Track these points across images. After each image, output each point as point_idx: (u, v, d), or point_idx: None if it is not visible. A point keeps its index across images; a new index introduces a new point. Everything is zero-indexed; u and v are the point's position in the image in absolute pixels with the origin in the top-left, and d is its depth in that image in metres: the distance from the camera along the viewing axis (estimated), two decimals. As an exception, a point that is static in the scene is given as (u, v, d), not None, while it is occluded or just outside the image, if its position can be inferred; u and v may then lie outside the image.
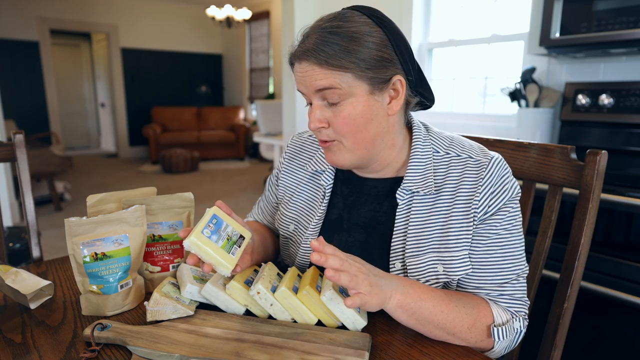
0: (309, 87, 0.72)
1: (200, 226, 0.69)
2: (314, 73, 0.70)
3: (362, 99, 0.71)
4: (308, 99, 0.75)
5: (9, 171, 3.42)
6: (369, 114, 0.72)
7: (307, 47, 0.70)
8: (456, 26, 2.54)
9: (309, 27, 0.73)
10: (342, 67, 0.68)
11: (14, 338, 0.69)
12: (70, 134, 8.60)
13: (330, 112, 0.72)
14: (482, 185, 0.73)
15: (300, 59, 0.71)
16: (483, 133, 2.27)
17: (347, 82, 0.69)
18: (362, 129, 0.73)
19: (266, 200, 1.01)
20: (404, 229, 0.76)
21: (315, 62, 0.69)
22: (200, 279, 0.77)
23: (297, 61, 0.72)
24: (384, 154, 0.79)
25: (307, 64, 0.70)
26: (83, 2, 6.93)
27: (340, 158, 0.76)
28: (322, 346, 0.64)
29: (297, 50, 0.72)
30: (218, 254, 0.67)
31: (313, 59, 0.69)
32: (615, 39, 1.50)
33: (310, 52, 0.69)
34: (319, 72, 0.69)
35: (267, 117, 4.55)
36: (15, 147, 1.14)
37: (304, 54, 0.70)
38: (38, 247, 1.16)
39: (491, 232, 0.73)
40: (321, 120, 0.73)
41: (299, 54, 0.71)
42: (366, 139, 0.74)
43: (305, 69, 0.71)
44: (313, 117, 0.73)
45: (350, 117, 0.71)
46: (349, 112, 0.71)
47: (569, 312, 0.84)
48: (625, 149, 1.72)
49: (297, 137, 0.97)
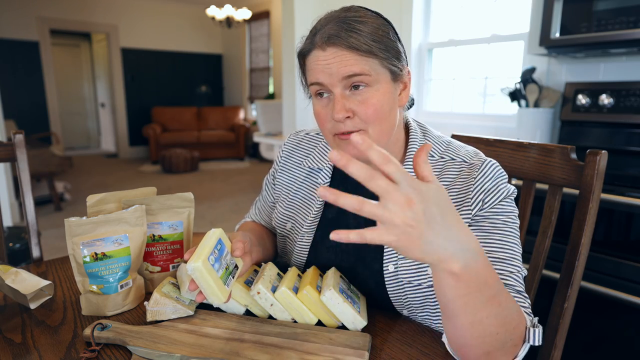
0: (335, 74, 0.68)
1: (206, 251, 0.66)
2: (344, 58, 0.68)
3: (386, 86, 0.71)
4: (328, 89, 0.71)
5: (9, 171, 3.42)
6: (392, 103, 0.73)
7: (332, 33, 0.68)
8: (456, 26, 2.54)
9: (322, 18, 0.72)
10: (372, 53, 0.68)
11: (14, 338, 0.69)
12: (70, 134, 8.60)
13: (355, 101, 0.70)
14: (474, 184, 0.72)
15: (326, 45, 0.68)
16: (483, 133, 2.27)
17: (375, 69, 0.69)
18: (387, 116, 0.72)
19: (263, 201, 1.01)
20: None
21: (346, 46, 0.67)
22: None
23: (318, 49, 0.69)
24: (389, 148, 0.78)
25: (335, 49, 0.68)
26: (83, 2, 6.93)
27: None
28: (322, 346, 0.64)
29: (319, 37, 0.69)
30: (216, 285, 0.65)
31: (343, 44, 0.67)
32: (615, 39, 1.50)
33: (339, 37, 0.67)
34: (350, 57, 0.67)
35: (267, 117, 4.55)
36: (15, 147, 1.14)
37: (331, 40, 0.67)
38: (38, 247, 1.16)
39: (488, 224, 0.71)
40: (347, 110, 0.70)
41: (322, 40, 0.68)
42: (389, 128, 0.74)
43: (333, 55, 0.68)
44: (339, 106, 0.69)
45: (379, 104, 0.70)
46: (377, 99, 0.70)
47: (569, 312, 0.84)
48: (625, 149, 1.72)
49: (293, 135, 0.97)
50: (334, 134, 0.74)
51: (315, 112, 0.75)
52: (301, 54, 0.74)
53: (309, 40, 0.72)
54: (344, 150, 0.74)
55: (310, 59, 0.72)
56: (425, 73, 2.69)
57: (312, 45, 0.71)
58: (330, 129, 0.73)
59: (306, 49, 0.72)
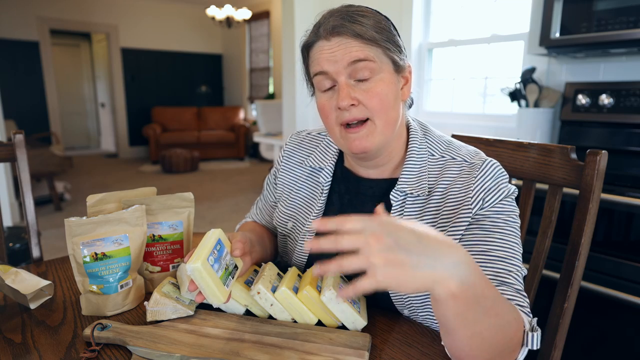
0: (340, 61, 0.70)
1: (205, 252, 0.66)
2: (349, 45, 0.69)
3: (390, 76, 0.72)
4: (333, 77, 0.72)
5: (9, 171, 3.42)
6: (396, 93, 0.74)
7: (336, 23, 0.70)
8: (456, 26, 2.54)
9: (325, 13, 0.74)
10: (376, 41, 0.70)
11: (14, 338, 0.69)
12: (70, 134, 8.60)
13: (360, 90, 0.71)
14: (474, 184, 0.72)
15: (331, 35, 0.70)
16: (483, 133, 2.27)
17: (379, 57, 0.71)
18: (392, 106, 0.73)
19: (264, 200, 1.01)
20: None
21: (351, 35, 0.69)
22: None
23: (323, 40, 0.71)
24: (393, 143, 0.79)
25: (340, 38, 0.70)
26: (83, 2, 6.93)
27: (372, 142, 0.73)
28: (322, 346, 0.64)
29: (323, 29, 0.71)
30: (215, 285, 0.65)
31: (348, 32, 0.69)
32: (615, 39, 1.50)
33: (343, 26, 0.69)
34: (355, 44, 0.69)
35: (267, 117, 4.56)
36: (15, 147, 1.14)
37: (336, 29, 0.70)
38: (38, 247, 1.16)
39: (489, 223, 0.71)
40: (352, 97, 0.71)
41: (327, 31, 0.70)
42: (394, 118, 0.74)
43: (338, 43, 0.70)
44: (344, 93, 0.70)
45: (383, 93, 0.71)
46: (382, 88, 0.71)
47: (569, 312, 0.84)
48: (625, 149, 1.72)
49: (295, 135, 0.97)
50: (339, 124, 0.74)
51: (320, 106, 0.76)
52: (305, 46, 0.75)
53: (313, 33, 0.74)
54: (350, 144, 0.74)
55: (315, 49, 0.73)
56: (425, 73, 2.69)
57: (316, 37, 0.73)
58: (335, 119, 0.74)
59: (310, 41, 0.74)
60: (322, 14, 0.74)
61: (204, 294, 0.67)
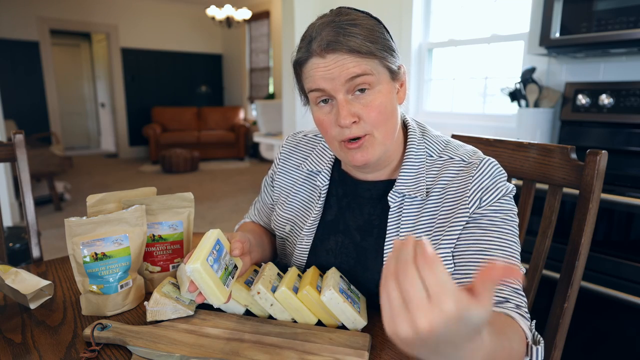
0: (338, 78, 0.68)
1: (205, 252, 0.66)
2: (345, 62, 0.67)
3: (387, 86, 0.71)
4: (331, 94, 0.70)
5: (9, 171, 3.41)
6: (393, 102, 0.73)
7: (330, 39, 0.67)
8: (456, 26, 2.54)
9: (314, 25, 0.71)
10: (371, 53, 0.68)
11: (14, 338, 0.69)
12: (70, 134, 8.60)
13: (359, 105, 0.70)
14: (472, 182, 0.72)
15: (325, 52, 0.67)
16: (483, 133, 2.27)
17: (376, 69, 0.69)
18: (391, 116, 0.72)
19: (262, 202, 1.00)
20: (396, 231, 0.75)
21: (346, 50, 0.67)
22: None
23: (317, 57, 0.68)
24: (392, 148, 0.78)
25: (335, 55, 0.67)
26: (83, 2, 6.93)
27: (373, 154, 0.72)
28: (322, 346, 0.64)
29: (316, 45, 0.68)
30: (215, 285, 0.65)
31: (343, 48, 0.67)
32: (615, 39, 1.50)
33: (338, 42, 0.67)
34: (351, 60, 0.67)
35: (267, 117, 4.55)
36: (15, 147, 1.14)
37: (330, 46, 0.67)
38: (38, 247, 1.16)
39: (486, 221, 0.70)
40: (353, 114, 0.69)
41: (321, 48, 0.67)
42: (393, 128, 0.74)
43: (334, 61, 0.67)
44: (345, 112, 0.69)
45: (382, 105, 0.70)
46: (380, 100, 0.70)
47: (569, 312, 0.84)
48: (625, 149, 1.72)
49: (291, 137, 0.96)
50: (340, 141, 0.73)
51: (317, 120, 0.74)
52: (297, 63, 0.73)
53: (305, 48, 0.70)
54: (352, 158, 0.73)
55: (309, 67, 0.70)
56: (425, 73, 2.69)
57: (308, 54, 0.70)
58: (335, 135, 0.72)
59: (303, 58, 0.71)
60: (312, 26, 0.71)
61: (204, 295, 0.66)
